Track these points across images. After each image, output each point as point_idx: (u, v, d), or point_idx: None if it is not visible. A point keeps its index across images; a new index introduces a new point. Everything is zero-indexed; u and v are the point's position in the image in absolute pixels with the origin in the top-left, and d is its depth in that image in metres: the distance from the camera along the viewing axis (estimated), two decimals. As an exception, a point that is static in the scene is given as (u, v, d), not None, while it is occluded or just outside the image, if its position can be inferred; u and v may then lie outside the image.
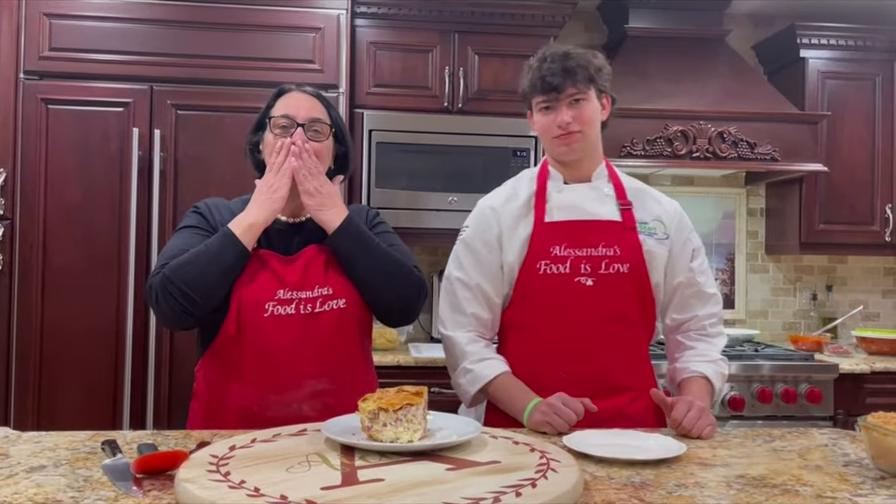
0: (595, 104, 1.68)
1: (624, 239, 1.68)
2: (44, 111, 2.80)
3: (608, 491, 1.11)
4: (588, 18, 3.78)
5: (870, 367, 3.08)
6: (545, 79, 1.63)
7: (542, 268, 1.65)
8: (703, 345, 1.74)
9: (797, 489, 1.14)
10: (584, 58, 1.66)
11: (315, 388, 1.56)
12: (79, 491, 1.08)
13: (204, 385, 1.61)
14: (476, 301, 1.70)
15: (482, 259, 1.70)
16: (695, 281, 1.75)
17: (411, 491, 1.00)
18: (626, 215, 1.71)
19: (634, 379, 1.69)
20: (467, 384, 1.68)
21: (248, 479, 1.04)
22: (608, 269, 1.65)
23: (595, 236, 1.67)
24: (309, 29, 2.97)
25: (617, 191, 1.74)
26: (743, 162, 3.27)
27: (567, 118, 1.64)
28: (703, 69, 3.46)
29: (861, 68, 3.52)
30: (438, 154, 3.17)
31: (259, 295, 1.55)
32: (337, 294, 1.60)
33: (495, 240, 1.70)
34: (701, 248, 1.79)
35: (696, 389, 1.65)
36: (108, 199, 2.82)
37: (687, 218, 1.79)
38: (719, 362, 1.72)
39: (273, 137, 1.63)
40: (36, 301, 2.77)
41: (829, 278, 3.86)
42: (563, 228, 1.68)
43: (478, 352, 1.69)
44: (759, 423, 2.95)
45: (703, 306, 1.76)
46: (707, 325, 1.75)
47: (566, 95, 1.64)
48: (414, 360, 2.91)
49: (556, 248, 1.66)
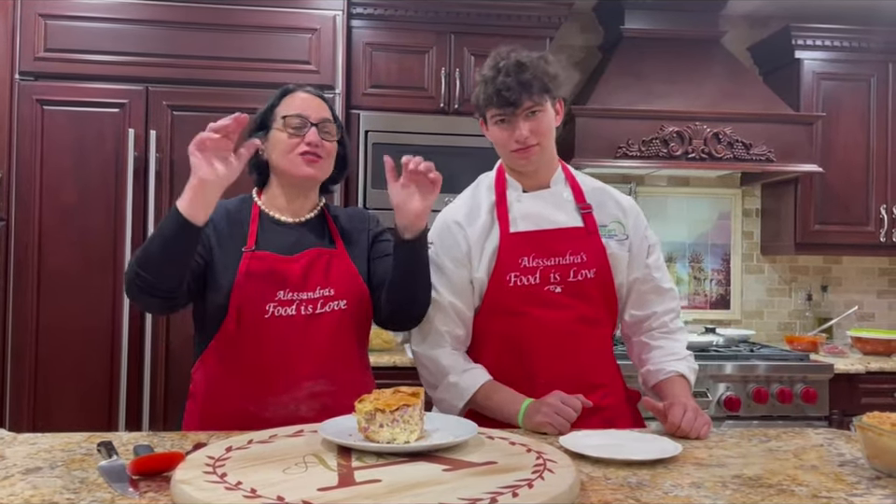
0: (551, 112, 1.67)
1: (589, 244, 1.69)
2: (39, 112, 2.80)
3: (604, 491, 1.11)
4: (584, 19, 3.78)
5: (865, 367, 3.09)
6: (501, 94, 1.59)
7: (512, 280, 1.65)
8: (669, 343, 1.75)
9: (793, 489, 1.14)
10: (539, 68, 1.62)
11: (312, 389, 1.56)
12: (75, 493, 1.08)
13: (202, 386, 1.60)
14: (450, 319, 1.68)
15: (451, 276, 1.68)
16: (652, 276, 1.76)
17: (407, 492, 1.00)
18: (588, 219, 1.72)
19: (603, 375, 1.71)
20: (452, 398, 1.65)
21: (245, 480, 1.04)
22: (576, 276, 1.66)
23: (562, 244, 1.67)
24: (305, 30, 2.97)
25: (576, 195, 1.74)
26: (738, 163, 3.28)
27: (525, 132, 1.62)
28: (698, 70, 3.47)
29: (855, 69, 3.53)
30: (434, 155, 3.10)
31: (260, 296, 1.54)
32: (338, 295, 1.60)
33: (464, 257, 1.68)
34: (657, 244, 1.81)
35: (678, 389, 1.66)
36: (104, 200, 2.81)
37: (642, 215, 1.80)
38: (689, 357, 1.75)
39: (288, 136, 1.61)
40: (32, 303, 2.77)
41: (824, 278, 3.88)
42: (529, 238, 1.67)
43: (458, 364, 1.67)
44: (754, 423, 2.95)
45: (661, 302, 1.77)
46: (667, 321, 1.77)
47: (522, 109, 1.61)
48: (410, 361, 2.91)
49: (525, 259, 1.66)
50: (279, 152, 1.62)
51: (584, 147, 3.18)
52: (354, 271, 1.65)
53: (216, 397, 1.57)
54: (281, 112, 1.64)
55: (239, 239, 1.59)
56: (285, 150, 1.61)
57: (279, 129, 1.63)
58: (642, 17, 3.52)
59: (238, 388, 1.55)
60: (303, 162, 1.61)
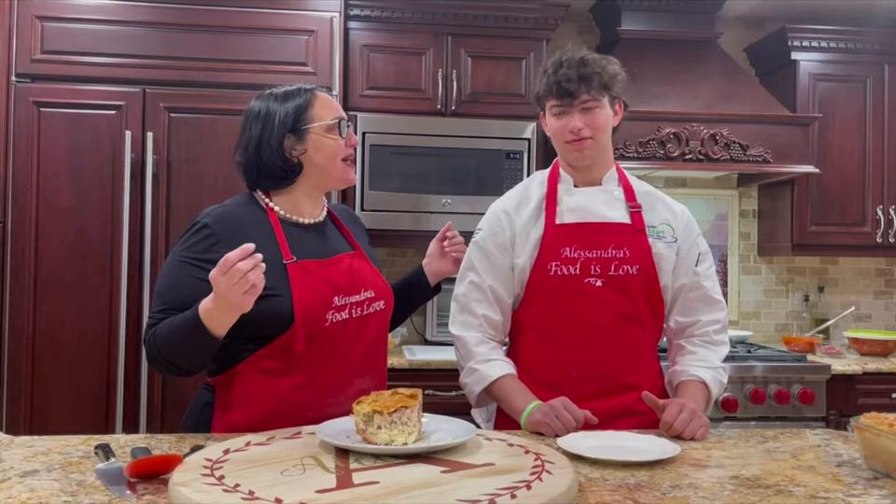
0: (608, 110, 1.70)
1: (634, 241, 1.70)
2: (36, 114, 2.79)
3: (602, 493, 1.11)
4: (581, 20, 3.79)
5: (862, 367, 3.09)
6: (561, 84, 1.65)
7: (553, 269, 1.68)
8: (705, 352, 1.74)
9: (791, 490, 1.14)
10: (600, 64, 1.67)
11: (360, 387, 1.57)
12: (73, 495, 1.07)
13: (244, 395, 1.52)
14: (487, 303, 1.72)
15: (494, 261, 1.72)
16: (700, 285, 1.76)
17: (405, 494, 1.00)
18: (636, 217, 1.73)
19: (642, 377, 1.70)
20: (472, 383, 1.70)
21: (243, 482, 1.03)
22: (617, 270, 1.67)
23: (605, 238, 1.69)
24: (302, 31, 2.97)
25: (627, 195, 1.76)
26: (735, 164, 3.29)
27: (580, 123, 1.66)
28: (695, 71, 3.48)
29: (851, 70, 3.54)
30: (431, 156, 3.17)
31: (319, 307, 1.52)
32: (378, 296, 1.64)
33: (507, 242, 1.72)
34: (708, 253, 1.81)
35: (690, 392, 1.66)
36: (101, 202, 2.81)
37: (695, 222, 1.82)
38: (719, 370, 1.73)
39: (334, 140, 1.60)
40: (28, 305, 2.76)
41: (821, 279, 3.88)
42: (573, 230, 1.70)
43: (485, 353, 1.70)
44: (752, 424, 2.96)
45: (708, 311, 1.77)
46: (710, 331, 1.76)
47: (579, 101, 1.66)
48: (409, 363, 2.91)
49: (567, 250, 1.68)
50: (327, 157, 1.59)
51: (581, 148, 3.18)
52: (377, 271, 1.70)
53: (262, 404, 1.51)
54: (318, 115, 1.59)
55: (268, 251, 1.45)
56: (332, 154, 1.60)
57: (323, 133, 1.59)
58: (639, 18, 3.53)
59: (293, 395, 1.51)
60: (346, 167, 1.62)
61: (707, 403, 1.70)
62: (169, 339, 1.44)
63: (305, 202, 1.64)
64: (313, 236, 1.62)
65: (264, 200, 1.61)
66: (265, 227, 1.56)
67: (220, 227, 1.53)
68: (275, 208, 1.60)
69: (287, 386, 1.52)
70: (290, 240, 1.57)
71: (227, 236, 1.50)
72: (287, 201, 1.62)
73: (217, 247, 1.47)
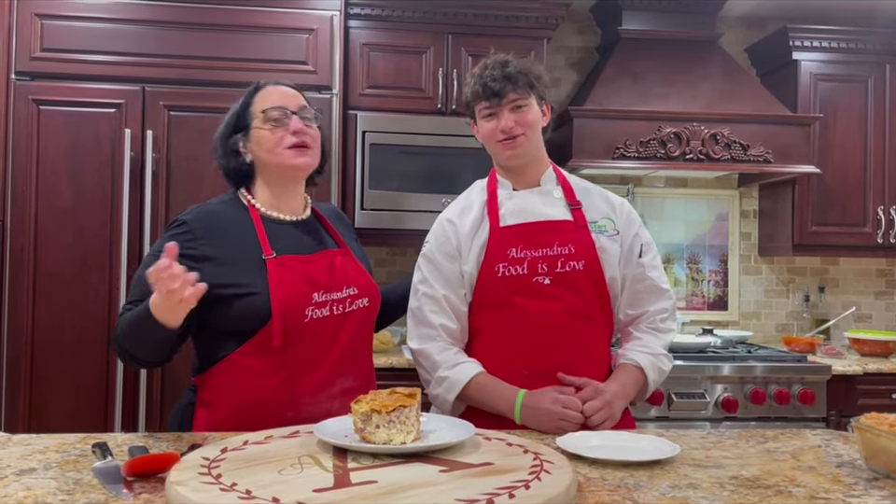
0: (536, 109, 1.72)
1: (578, 237, 1.72)
2: (35, 112, 2.79)
3: (601, 493, 1.11)
4: (581, 20, 3.78)
5: (862, 368, 3.09)
6: (487, 85, 1.68)
7: (501, 270, 1.68)
8: (649, 338, 1.77)
9: (790, 490, 1.14)
10: (524, 65, 1.70)
11: (343, 385, 1.56)
12: (69, 494, 1.07)
13: (222, 393, 1.53)
14: (444, 313, 1.71)
15: (444, 270, 1.72)
16: (646, 276, 1.78)
17: (403, 493, 1.00)
18: (577, 214, 1.75)
19: (594, 372, 1.70)
20: (445, 391, 1.67)
21: (240, 481, 1.03)
22: (563, 267, 1.69)
23: (550, 236, 1.71)
24: (302, 30, 2.96)
25: (566, 193, 1.78)
26: (736, 164, 3.28)
27: (510, 122, 1.69)
28: (696, 71, 3.47)
29: (853, 70, 3.53)
30: (431, 155, 3.17)
31: (298, 303, 1.52)
32: (361, 293, 1.63)
33: (454, 250, 1.73)
34: (651, 243, 1.83)
35: (622, 376, 1.70)
36: (100, 200, 2.81)
37: (636, 214, 1.84)
38: (660, 356, 1.76)
39: (270, 131, 1.58)
40: (27, 304, 2.76)
41: (821, 280, 3.88)
42: (518, 230, 1.71)
43: (451, 358, 1.69)
44: (752, 424, 2.95)
45: (655, 301, 1.79)
46: (657, 319, 1.79)
47: (508, 100, 1.68)
48: (408, 362, 2.90)
49: (513, 250, 1.69)
50: (266, 149, 1.59)
51: (582, 147, 3.18)
52: (363, 269, 1.69)
53: (243, 402, 1.51)
54: (258, 108, 1.61)
55: (248, 247, 1.53)
56: (272, 146, 1.59)
57: (260, 126, 1.59)
58: (640, 18, 3.53)
59: (273, 393, 1.51)
60: (294, 154, 1.58)
61: (643, 388, 1.73)
62: (127, 330, 1.44)
63: (274, 198, 1.63)
64: (295, 233, 1.62)
65: (246, 196, 1.64)
66: (246, 223, 1.57)
67: (199, 223, 1.55)
68: (256, 205, 1.62)
69: (267, 384, 1.52)
70: (271, 236, 1.57)
71: (205, 233, 1.53)
72: (264, 197, 1.63)
73: (193, 244, 1.51)
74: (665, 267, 3.74)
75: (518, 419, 1.58)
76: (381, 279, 3.56)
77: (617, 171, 3.51)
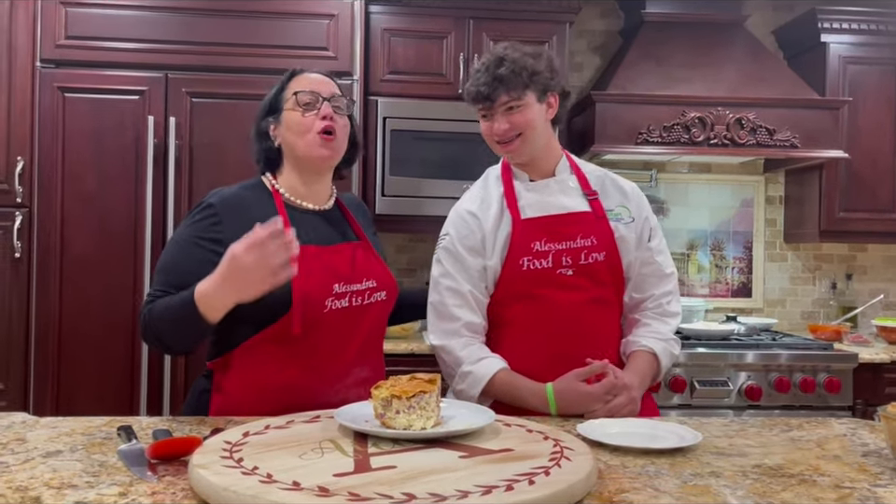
0: (535, 106, 1.67)
1: (598, 228, 1.72)
2: (60, 99, 2.82)
3: (622, 480, 1.10)
4: (604, 3, 3.73)
5: (890, 356, 3.04)
6: (478, 90, 1.65)
7: (525, 264, 1.68)
8: (657, 324, 1.77)
9: (815, 479, 1.13)
10: (519, 63, 1.63)
11: (358, 376, 1.57)
12: (94, 476, 1.09)
13: (240, 377, 1.54)
14: (468, 307, 1.70)
15: (467, 264, 1.71)
16: (653, 260, 1.78)
17: (423, 478, 1.00)
18: (595, 204, 1.75)
19: (611, 354, 1.72)
20: (468, 387, 1.66)
21: (261, 465, 1.04)
22: (587, 259, 1.69)
23: (572, 228, 1.70)
24: (323, 16, 2.96)
25: (581, 183, 1.77)
26: (762, 149, 3.23)
27: (504, 126, 1.66)
28: (721, 54, 3.41)
29: (882, 53, 3.45)
30: (452, 141, 3.15)
31: (319, 292, 1.52)
32: (380, 286, 1.63)
33: (479, 244, 1.71)
34: (658, 227, 1.83)
35: (639, 363, 1.70)
36: (124, 186, 2.83)
37: (645, 199, 1.83)
38: (670, 341, 1.77)
39: (301, 114, 1.57)
40: (54, 289, 2.80)
41: (849, 267, 3.81)
42: (540, 223, 1.70)
43: (473, 353, 1.68)
44: (776, 412, 2.92)
45: (660, 284, 1.79)
46: (663, 303, 1.79)
47: (499, 104, 1.65)
48: (428, 348, 2.90)
49: (537, 244, 1.69)
50: (294, 133, 1.59)
51: (604, 132, 3.15)
52: (382, 262, 1.69)
53: (258, 389, 1.52)
54: (288, 93, 1.61)
55: None
56: (301, 130, 1.58)
57: (291, 108, 1.59)
58: (664, 1, 3.47)
59: (287, 379, 1.52)
60: (319, 143, 1.57)
61: (657, 373, 1.74)
62: (163, 317, 1.44)
63: (301, 186, 1.63)
64: (318, 222, 1.62)
65: (271, 181, 1.63)
66: (270, 210, 1.56)
67: (224, 207, 1.54)
68: (281, 191, 1.62)
69: (284, 372, 1.52)
70: (295, 224, 1.53)
71: (231, 217, 1.52)
72: (288, 185, 1.63)
73: (219, 227, 1.51)
74: (689, 254, 3.72)
75: (554, 410, 1.57)
76: (402, 265, 3.59)
77: (640, 156, 3.46)
